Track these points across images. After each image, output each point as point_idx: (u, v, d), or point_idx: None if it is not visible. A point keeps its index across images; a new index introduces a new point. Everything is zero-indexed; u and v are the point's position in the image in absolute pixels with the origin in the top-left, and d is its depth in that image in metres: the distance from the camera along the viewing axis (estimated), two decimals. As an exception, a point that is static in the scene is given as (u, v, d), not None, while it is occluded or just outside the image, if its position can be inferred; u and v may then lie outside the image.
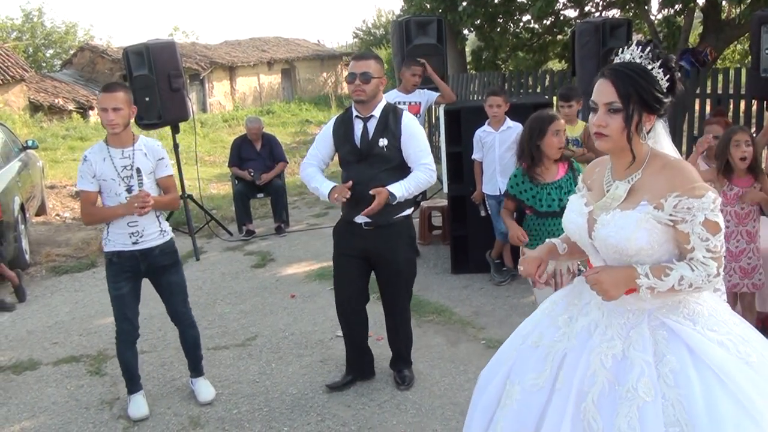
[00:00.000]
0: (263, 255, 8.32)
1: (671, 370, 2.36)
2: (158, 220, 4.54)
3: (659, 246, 2.44)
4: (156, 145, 4.54)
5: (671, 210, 2.39)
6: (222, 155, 16.56)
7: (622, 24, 8.22)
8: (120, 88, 4.32)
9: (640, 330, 2.47)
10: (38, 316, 6.68)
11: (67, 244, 9.22)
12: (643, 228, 2.42)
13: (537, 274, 2.79)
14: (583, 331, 2.59)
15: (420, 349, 5.26)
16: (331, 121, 4.68)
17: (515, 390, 2.65)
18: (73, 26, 36.90)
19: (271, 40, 34.64)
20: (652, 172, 2.47)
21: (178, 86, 8.08)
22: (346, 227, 4.63)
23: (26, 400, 4.98)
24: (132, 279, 4.52)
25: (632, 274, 2.42)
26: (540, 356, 2.66)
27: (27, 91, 22.22)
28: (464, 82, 14.22)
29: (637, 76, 2.41)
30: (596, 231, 2.54)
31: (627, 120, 2.41)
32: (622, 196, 2.51)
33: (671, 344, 2.41)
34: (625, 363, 2.43)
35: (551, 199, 4.57)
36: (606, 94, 2.44)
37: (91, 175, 4.37)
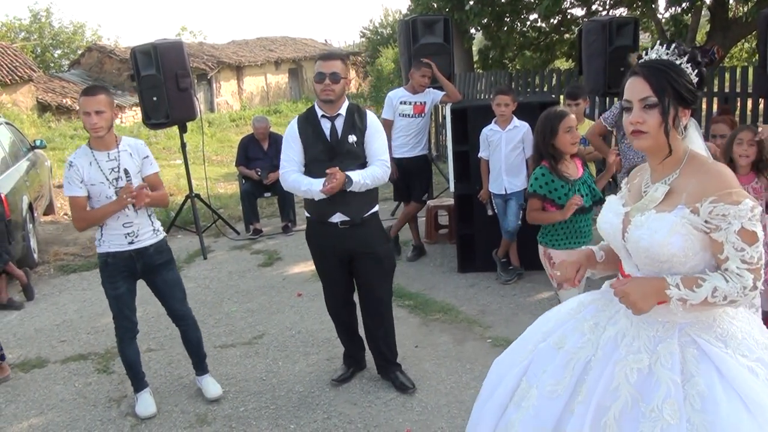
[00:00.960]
0: (270, 254, 8.34)
1: (699, 393, 2.26)
2: (151, 219, 4.55)
3: (694, 254, 2.33)
4: (140, 144, 4.56)
5: (707, 216, 2.27)
6: (229, 155, 16.59)
7: (629, 22, 8.23)
8: (101, 91, 4.31)
9: (669, 345, 2.36)
10: (46, 315, 6.72)
11: (74, 243, 9.26)
12: (678, 233, 2.31)
13: (576, 279, 2.68)
14: (610, 342, 2.49)
15: (426, 348, 5.26)
16: (292, 124, 4.59)
17: (532, 394, 2.57)
18: (81, 26, 37.10)
19: (279, 39, 34.71)
20: (690, 173, 2.38)
21: (186, 86, 8.10)
22: (320, 229, 4.60)
23: (34, 397, 5.01)
24: (128, 278, 4.53)
25: (662, 286, 2.31)
26: (561, 362, 2.56)
27: (35, 91, 22.33)
28: (471, 81, 14.20)
29: (668, 69, 2.35)
30: (629, 232, 2.44)
31: (664, 113, 2.33)
32: (659, 198, 2.41)
33: (701, 365, 2.31)
34: (651, 379, 2.33)
35: (581, 195, 4.54)
36: (640, 90, 2.37)
37: (79, 180, 4.33)
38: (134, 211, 4.42)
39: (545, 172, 4.59)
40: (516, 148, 6.39)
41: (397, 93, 7.40)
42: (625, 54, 7.09)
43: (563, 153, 4.56)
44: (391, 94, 7.45)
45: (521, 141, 6.37)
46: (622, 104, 2.44)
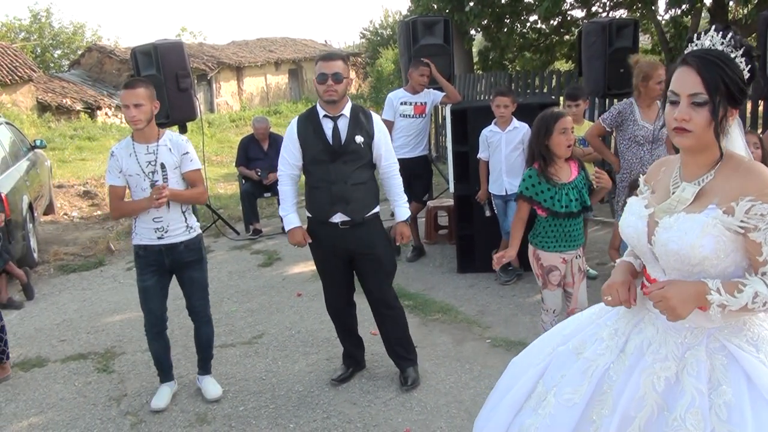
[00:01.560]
0: (270, 254, 8.35)
1: (725, 402, 2.14)
2: (184, 216, 4.57)
3: (726, 256, 2.20)
4: (181, 140, 4.57)
5: (743, 215, 2.14)
6: (229, 155, 16.60)
7: (628, 24, 8.24)
8: (141, 84, 4.35)
9: (696, 353, 2.25)
10: (46, 314, 6.73)
11: (74, 243, 9.27)
12: (709, 234, 2.17)
13: (632, 298, 2.45)
14: (636, 351, 2.38)
15: (425, 348, 5.27)
16: (292, 124, 4.61)
17: (549, 401, 2.48)
18: (81, 27, 37.13)
19: (279, 40, 34.74)
20: (726, 174, 2.23)
21: (186, 86, 8.12)
22: (321, 229, 4.61)
23: (34, 396, 5.02)
24: (156, 273, 4.58)
25: (703, 290, 2.16)
26: (580, 369, 2.46)
27: (35, 91, 22.35)
28: (471, 82, 14.22)
29: (724, 64, 2.16)
30: (657, 235, 2.30)
31: (714, 113, 2.15)
32: (689, 199, 2.27)
33: (730, 372, 2.19)
34: (677, 388, 2.23)
35: (569, 200, 4.48)
36: (690, 84, 2.17)
37: (117, 170, 4.43)
38: (167, 206, 4.46)
39: (533, 174, 4.54)
40: (516, 149, 6.40)
41: (398, 94, 7.41)
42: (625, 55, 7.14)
43: (556, 155, 4.53)
44: (392, 95, 7.46)
45: (521, 142, 6.38)
46: (668, 96, 2.24)
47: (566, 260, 4.58)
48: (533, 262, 4.69)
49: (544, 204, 4.49)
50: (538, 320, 5.65)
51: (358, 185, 4.49)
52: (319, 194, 4.54)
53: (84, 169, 14.73)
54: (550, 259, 4.57)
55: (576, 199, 4.49)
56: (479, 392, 4.54)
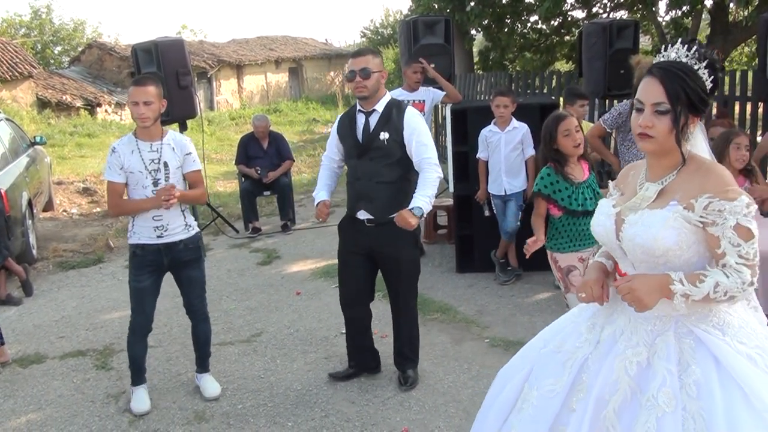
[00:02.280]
0: (269, 252, 8.35)
1: (695, 381, 2.29)
2: (183, 215, 4.57)
3: (688, 247, 2.36)
4: (184, 141, 4.58)
5: (701, 211, 2.31)
6: (229, 153, 16.60)
7: (629, 25, 8.24)
8: (151, 82, 4.34)
9: (665, 338, 2.39)
10: (45, 311, 6.72)
11: (74, 240, 9.27)
12: (671, 227, 2.34)
13: (606, 295, 2.59)
14: (609, 339, 2.52)
15: (424, 347, 5.27)
16: (337, 119, 4.75)
17: (533, 395, 2.59)
18: (82, 23, 37.16)
19: (279, 38, 34.74)
20: (687, 174, 2.40)
21: (186, 84, 8.11)
22: (350, 224, 4.65)
23: (33, 393, 5.02)
24: (154, 272, 4.56)
25: (666, 281, 2.32)
26: (559, 361, 2.59)
27: (35, 87, 22.35)
28: (471, 82, 14.22)
29: (686, 76, 2.33)
30: (623, 231, 2.47)
31: (675, 122, 2.33)
32: (651, 197, 2.44)
33: (697, 354, 2.34)
34: (649, 371, 2.36)
35: (584, 198, 4.51)
36: (654, 94, 2.35)
37: (119, 166, 4.39)
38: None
39: (551, 172, 4.56)
40: (515, 149, 6.40)
41: (395, 93, 7.38)
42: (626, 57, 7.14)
43: (567, 155, 4.55)
44: (390, 94, 7.43)
45: (520, 142, 6.39)
46: (634, 103, 2.42)
47: (583, 259, 4.55)
48: (553, 267, 4.68)
49: (561, 203, 4.51)
50: (536, 320, 5.67)
51: (384, 184, 4.47)
52: (349, 189, 4.61)
53: (83, 166, 14.73)
54: (568, 260, 4.56)
55: (590, 198, 4.52)
56: (477, 392, 4.53)
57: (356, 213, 4.55)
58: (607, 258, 2.75)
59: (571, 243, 4.55)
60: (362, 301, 4.79)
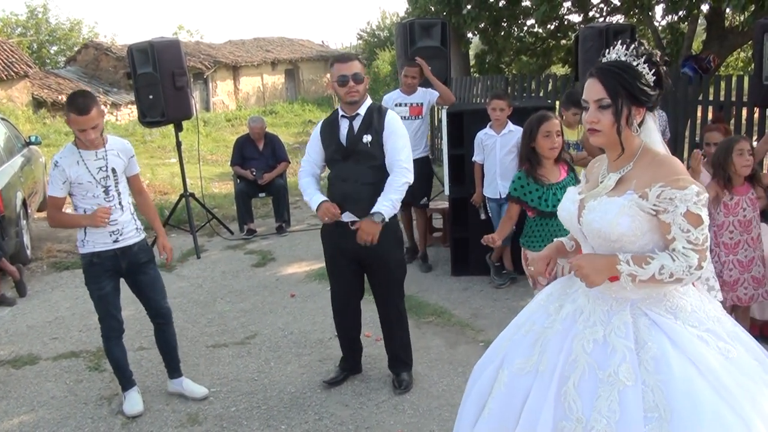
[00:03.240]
0: (264, 254, 8.34)
1: (652, 356, 2.42)
2: (134, 218, 4.57)
3: (642, 234, 2.50)
4: (126, 144, 4.58)
5: (655, 199, 2.44)
6: (224, 154, 16.58)
7: (625, 29, 8.23)
8: (92, 106, 4.21)
9: (622, 316, 2.53)
10: (38, 311, 6.70)
11: (68, 240, 9.23)
12: (625, 214, 2.48)
13: (547, 272, 2.87)
14: (569, 317, 2.67)
15: (418, 351, 5.26)
16: (318, 125, 4.72)
17: (504, 374, 2.73)
18: (78, 23, 37.07)
19: (275, 40, 34.73)
20: (642, 165, 2.55)
21: (182, 85, 8.10)
22: (334, 228, 4.62)
23: (25, 394, 5.00)
24: (113, 277, 4.53)
25: (613, 261, 2.48)
26: (529, 342, 2.73)
27: (30, 87, 22.31)
28: (467, 85, 14.22)
29: (622, 72, 2.51)
30: (583, 216, 2.62)
31: (616, 114, 2.50)
32: (611, 186, 2.59)
33: (652, 332, 2.48)
34: (606, 348, 2.49)
35: (556, 200, 4.51)
36: (595, 91, 2.54)
37: (62, 180, 4.34)
38: (120, 208, 4.44)
39: (521, 176, 4.67)
40: (510, 153, 6.39)
41: (392, 96, 7.36)
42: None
43: (542, 156, 4.60)
44: (386, 97, 7.41)
45: (516, 145, 6.38)
46: (581, 102, 2.62)
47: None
48: (524, 264, 4.74)
49: (531, 204, 4.60)
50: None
51: (368, 185, 4.48)
52: (334, 191, 4.59)
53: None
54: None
55: None
56: (472, 396, 4.53)
57: (341, 215, 4.53)
58: (569, 239, 2.96)
59: (543, 242, 4.58)
60: (354, 303, 4.84)
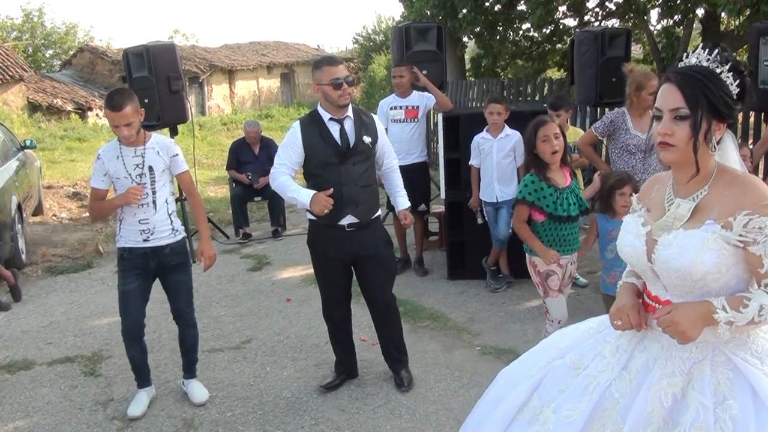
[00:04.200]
0: (259, 258, 8.32)
1: (731, 416, 2.15)
2: (170, 219, 4.55)
3: (727, 270, 2.21)
4: (169, 143, 4.57)
5: (741, 230, 2.16)
6: (220, 158, 16.56)
7: (621, 34, 8.25)
8: (127, 103, 4.24)
9: (701, 367, 2.26)
10: (33, 316, 6.68)
11: (63, 245, 9.21)
12: (710, 249, 2.19)
13: (644, 322, 2.43)
14: (642, 368, 2.37)
15: (415, 355, 5.25)
16: (294, 128, 4.56)
17: (548, 417, 2.45)
18: (73, 27, 37.04)
19: (271, 44, 34.72)
20: (720, 189, 2.25)
21: (178, 88, 8.09)
22: (326, 232, 4.60)
23: (20, 399, 4.98)
24: (141, 276, 4.54)
25: (709, 310, 2.18)
26: (580, 385, 2.44)
27: (26, 90, 22.25)
28: (463, 89, 14.24)
29: (705, 79, 2.20)
30: (656, 253, 2.31)
31: (695, 128, 2.19)
32: (685, 216, 2.29)
33: (735, 386, 2.20)
34: (683, 403, 2.23)
35: (568, 204, 4.57)
36: (672, 99, 2.22)
37: (102, 173, 4.43)
38: (153, 207, 4.45)
39: (535, 179, 4.62)
40: (507, 157, 6.39)
41: (387, 100, 7.33)
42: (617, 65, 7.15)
43: (544, 162, 4.60)
44: (382, 101, 7.37)
45: (512, 149, 6.38)
46: (653, 112, 2.30)
47: (562, 265, 4.61)
48: (531, 271, 4.73)
49: (546, 209, 4.55)
50: (528, 328, 5.66)
51: (366, 187, 4.54)
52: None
53: (73, 170, 14.66)
54: (547, 266, 4.59)
55: (574, 203, 4.58)
56: (468, 400, 4.51)
57: (340, 220, 4.50)
58: (636, 278, 2.59)
59: (552, 248, 4.57)
60: (345, 305, 4.86)
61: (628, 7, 14.28)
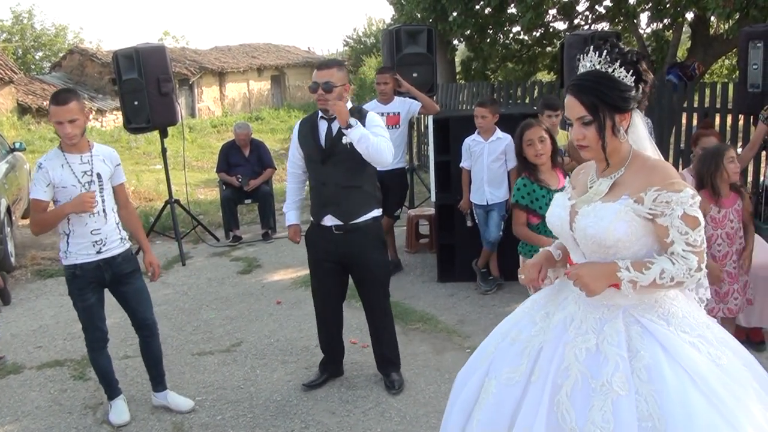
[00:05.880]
0: (250, 261, 8.31)
1: (645, 366, 2.39)
2: (118, 228, 4.47)
3: (637, 239, 2.48)
4: (112, 152, 4.52)
5: (651, 204, 2.42)
6: (210, 161, 16.53)
7: (610, 37, 8.27)
8: (72, 98, 4.15)
9: (614, 324, 2.49)
10: (23, 320, 6.65)
11: (52, 248, 9.16)
12: (622, 219, 2.46)
13: (540, 279, 2.80)
14: (559, 325, 2.62)
15: (405, 357, 5.25)
16: (296, 125, 4.77)
17: (491, 384, 2.68)
18: (63, 29, 36.93)
19: (262, 46, 34.68)
20: (634, 170, 2.53)
21: (167, 91, 8.07)
22: (317, 233, 4.66)
23: (9, 404, 4.95)
24: (97, 288, 4.44)
25: (613, 268, 2.45)
26: (517, 351, 2.68)
27: (15, 93, 22.18)
28: (453, 91, 14.26)
29: (598, 85, 2.47)
30: (576, 222, 2.59)
31: (600, 130, 2.48)
32: (604, 191, 2.57)
33: (645, 340, 2.45)
34: (599, 357, 2.45)
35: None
36: (574, 109, 2.51)
37: (45, 183, 4.24)
38: (104, 216, 4.34)
39: (527, 182, 4.64)
40: (498, 160, 6.41)
41: (369, 106, 7.28)
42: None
43: (533, 165, 4.63)
44: (365, 107, 7.35)
45: (503, 152, 6.40)
46: (565, 119, 2.61)
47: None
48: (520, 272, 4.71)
49: (540, 211, 4.55)
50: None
51: (351, 189, 4.51)
52: (314, 195, 4.65)
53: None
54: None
55: None
56: (458, 403, 4.52)
57: (322, 219, 4.55)
58: (556, 248, 2.89)
59: None
60: (334, 303, 4.88)
61: (617, 10, 14.32)
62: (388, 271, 4.88)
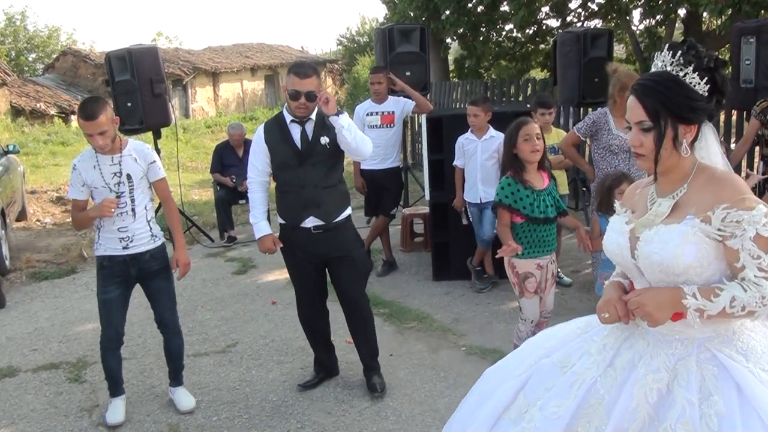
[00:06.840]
0: (244, 261, 8.30)
1: (716, 412, 2.15)
2: (149, 225, 4.51)
3: (708, 264, 2.23)
4: (146, 149, 4.52)
5: (719, 223, 2.18)
6: (204, 161, 16.52)
7: (603, 34, 8.31)
8: (99, 112, 4.16)
9: (686, 363, 2.26)
10: (18, 323, 6.63)
11: (47, 250, 9.17)
12: (690, 242, 2.22)
13: (631, 314, 2.40)
14: (628, 365, 2.38)
15: (401, 356, 5.26)
16: (259, 130, 4.65)
17: (534, 415, 2.44)
18: (56, 30, 36.85)
19: (255, 46, 34.67)
20: (699, 186, 2.29)
21: (161, 91, 8.08)
22: (292, 234, 4.64)
23: (5, 407, 4.94)
24: (122, 284, 4.49)
25: (678, 295, 2.21)
26: (566, 383, 2.44)
27: (9, 95, 22.15)
28: (447, 90, 14.26)
29: (665, 89, 2.25)
30: (639, 249, 2.34)
31: (658, 139, 2.25)
32: (665, 212, 2.33)
33: (720, 383, 2.20)
34: (669, 398, 2.23)
35: (545, 206, 4.58)
36: (636, 113, 2.30)
37: (80, 183, 4.36)
38: (131, 215, 4.40)
39: (511, 182, 4.62)
40: (491, 158, 6.41)
41: (363, 105, 7.32)
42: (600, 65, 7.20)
43: (525, 162, 4.61)
44: (358, 108, 7.36)
45: (496, 151, 6.40)
46: (625, 121, 2.38)
47: (541, 266, 4.64)
48: (509, 271, 4.73)
49: (523, 211, 4.56)
50: (513, 328, 5.67)
51: (329, 188, 4.54)
52: (290, 199, 4.60)
53: (57, 175, 14.59)
54: (526, 266, 4.61)
55: (551, 205, 4.60)
56: (454, 400, 4.50)
57: (302, 221, 4.54)
58: (623, 278, 2.60)
59: (531, 250, 4.60)
60: (320, 304, 4.88)
61: (610, 7, 14.34)
62: (369, 266, 4.91)
